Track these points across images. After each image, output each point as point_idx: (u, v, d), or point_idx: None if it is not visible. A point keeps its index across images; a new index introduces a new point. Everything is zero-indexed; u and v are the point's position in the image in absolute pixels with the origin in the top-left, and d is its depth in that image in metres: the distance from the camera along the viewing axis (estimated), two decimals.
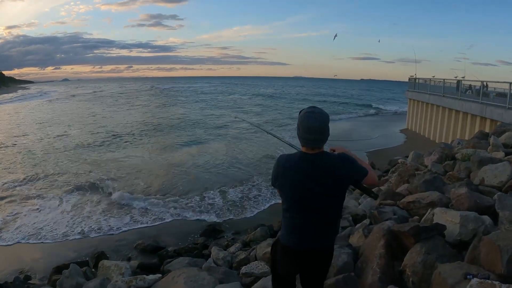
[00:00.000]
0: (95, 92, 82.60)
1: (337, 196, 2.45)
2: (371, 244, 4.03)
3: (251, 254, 6.09)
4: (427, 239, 3.52)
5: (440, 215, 3.99)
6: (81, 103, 54.42)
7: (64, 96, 70.23)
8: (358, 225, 5.56)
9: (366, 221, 5.48)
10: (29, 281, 6.54)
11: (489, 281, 2.40)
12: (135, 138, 22.59)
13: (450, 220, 3.78)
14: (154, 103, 51.22)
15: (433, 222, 3.95)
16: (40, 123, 30.09)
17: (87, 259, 7.29)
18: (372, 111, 45.09)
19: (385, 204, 5.99)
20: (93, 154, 18.13)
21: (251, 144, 20.56)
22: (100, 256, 7.31)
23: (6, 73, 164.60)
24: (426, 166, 8.07)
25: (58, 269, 6.56)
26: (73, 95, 71.92)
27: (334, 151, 2.61)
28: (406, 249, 3.69)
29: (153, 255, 7.49)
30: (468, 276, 2.64)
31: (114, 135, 23.51)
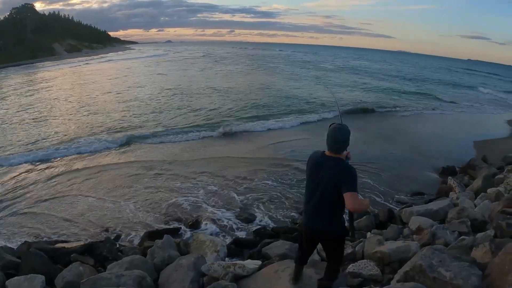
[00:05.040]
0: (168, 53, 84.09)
1: (334, 191, 3.04)
2: (502, 266, 3.45)
3: (357, 248, 5.46)
4: None
5: None
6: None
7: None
8: (480, 235, 4.87)
9: (490, 232, 4.83)
10: (119, 242, 6.60)
11: None
12: None
13: None
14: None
15: None
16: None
17: (180, 226, 7.19)
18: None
19: (509, 213, 5.49)
20: None
21: None
22: (194, 224, 7.23)
23: (112, 33, 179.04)
24: None
25: (151, 235, 6.53)
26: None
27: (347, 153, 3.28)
28: None
29: (248, 228, 7.31)
30: None
31: None
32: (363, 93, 28.88)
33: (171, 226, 7.21)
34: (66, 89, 27.74)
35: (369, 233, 6.21)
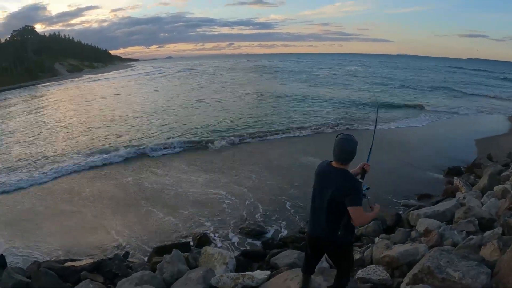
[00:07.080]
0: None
1: (338, 202, 3.07)
2: (510, 263, 3.46)
3: (365, 253, 5.45)
4: None
5: None
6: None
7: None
8: (488, 233, 4.89)
9: (498, 230, 4.81)
10: (128, 259, 6.56)
11: None
12: None
13: None
14: None
15: None
16: None
17: (189, 241, 7.18)
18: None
19: None
20: None
21: None
22: (202, 238, 7.18)
23: (112, 52, 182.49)
24: None
25: (159, 251, 6.49)
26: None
27: (364, 165, 3.43)
28: None
29: (256, 239, 7.26)
30: None
31: None
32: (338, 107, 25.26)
33: (179, 241, 7.19)
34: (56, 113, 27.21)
35: (377, 238, 6.19)
